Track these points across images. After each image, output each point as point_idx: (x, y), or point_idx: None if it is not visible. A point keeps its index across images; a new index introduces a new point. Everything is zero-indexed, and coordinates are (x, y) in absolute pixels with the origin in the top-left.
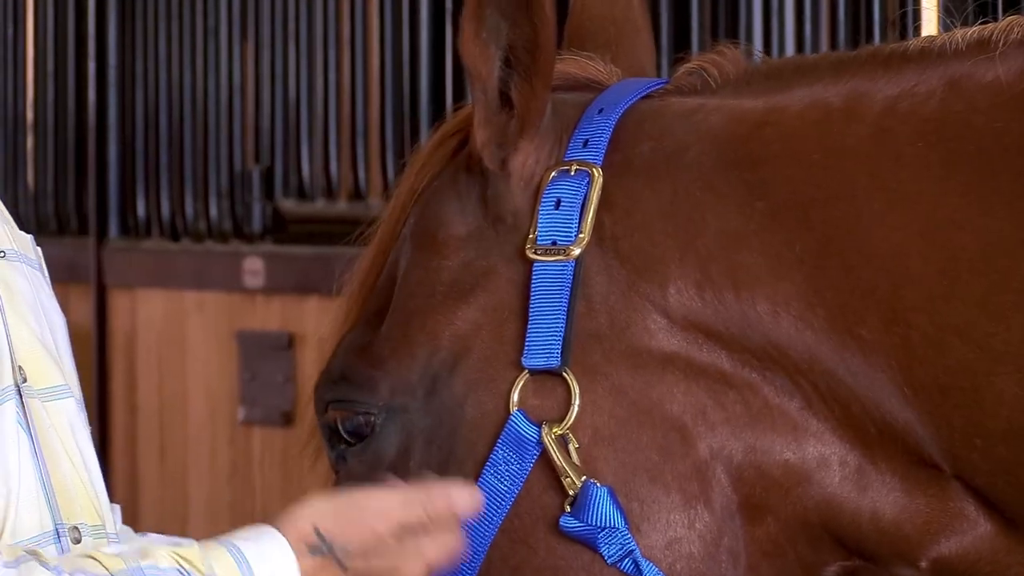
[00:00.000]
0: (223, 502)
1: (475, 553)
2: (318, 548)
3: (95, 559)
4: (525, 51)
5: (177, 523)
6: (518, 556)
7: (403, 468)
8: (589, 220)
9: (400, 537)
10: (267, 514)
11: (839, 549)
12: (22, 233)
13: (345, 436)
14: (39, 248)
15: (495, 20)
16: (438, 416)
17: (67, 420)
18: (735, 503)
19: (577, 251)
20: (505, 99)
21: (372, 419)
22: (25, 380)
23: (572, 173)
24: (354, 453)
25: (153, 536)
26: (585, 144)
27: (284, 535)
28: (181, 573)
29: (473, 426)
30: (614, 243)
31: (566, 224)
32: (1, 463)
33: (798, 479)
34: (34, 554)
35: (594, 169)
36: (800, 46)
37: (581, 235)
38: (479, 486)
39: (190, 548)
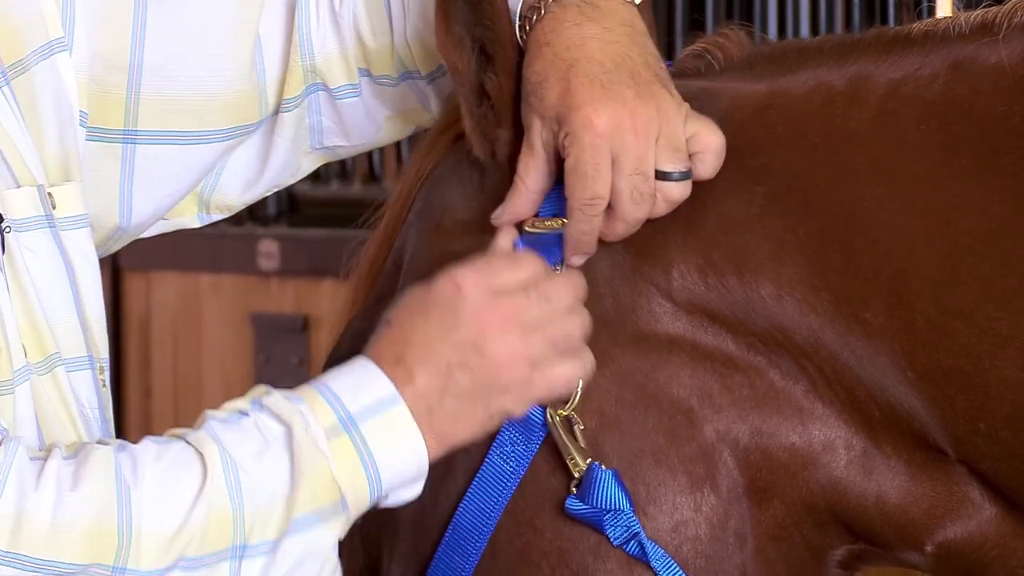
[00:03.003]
0: None
1: (480, 536)
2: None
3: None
4: (491, 42)
5: None
6: (524, 538)
7: None
8: None
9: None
10: None
11: (845, 533)
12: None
13: None
14: (49, 196)
15: (464, 12)
16: None
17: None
18: (742, 486)
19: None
20: (484, 91)
21: None
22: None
23: None
24: None
25: None
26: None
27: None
28: (240, 412)
29: None
30: None
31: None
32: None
33: (804, 462)
34: (98, 442)
35: None
36: (815, 28)
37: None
38: (485, 467)
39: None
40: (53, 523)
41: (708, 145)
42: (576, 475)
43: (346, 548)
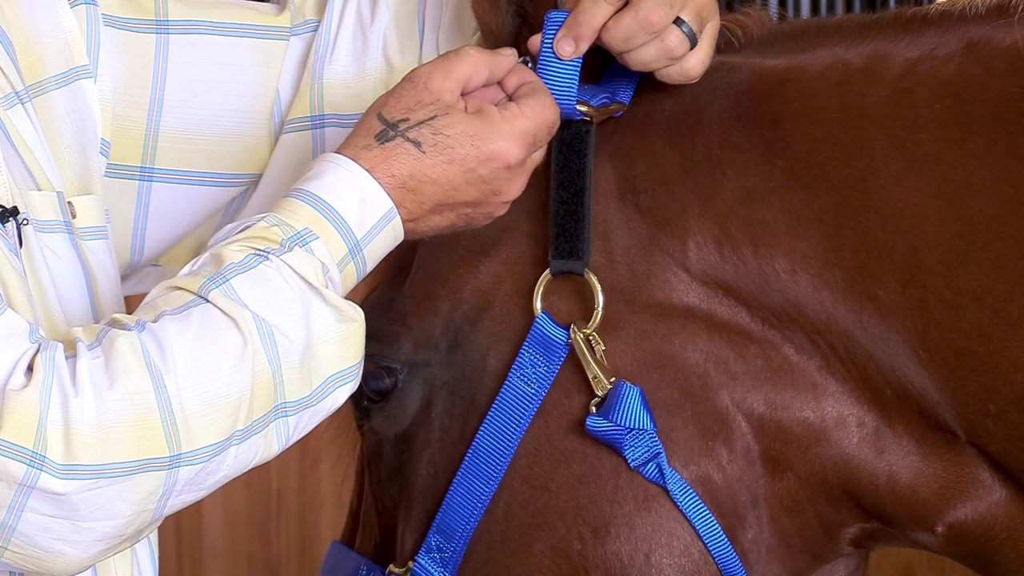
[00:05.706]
0: (239, 478)
1: (499, 460)
2: (384, 133)
3: (176, 287)
4: (528, 2)
5: None
6: (539, 502)
7: (426, 420)
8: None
9: (479, 107)
10: (283, 489)
11: (858, 510)
12: (47, 193)
13: (369, 393)
14: (69, 205)
15: None
16: (461, 369)
17: None
18: (756, 452)
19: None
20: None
21: (395, 374)
22: None
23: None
24: (378, 409)
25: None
26: (610, 99)
27: (344, 150)
28: (258, 255)
29: (495, 376)
30: (635, 197)
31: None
32: None
33: (817, 437)
34: (112, 322)
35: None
36: (815, 10)
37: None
38: (505, 390)
39: (255, 225)
40: (99, 426)
41: (712, 33)
42: (599, 394)
43: (362, 522)
